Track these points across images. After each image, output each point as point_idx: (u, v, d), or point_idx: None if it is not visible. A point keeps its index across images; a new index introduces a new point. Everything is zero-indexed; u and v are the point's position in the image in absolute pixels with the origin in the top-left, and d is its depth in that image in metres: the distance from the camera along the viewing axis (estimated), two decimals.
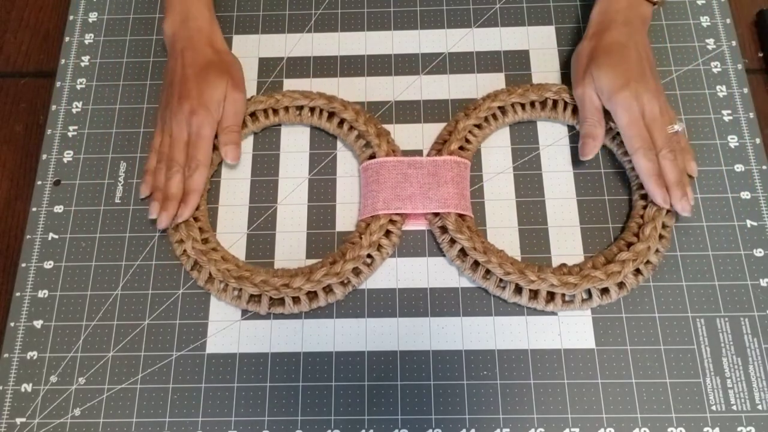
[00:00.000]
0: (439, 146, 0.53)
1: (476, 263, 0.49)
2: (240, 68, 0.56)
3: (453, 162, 0.52)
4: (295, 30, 0.60)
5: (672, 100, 0.55)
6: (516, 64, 0.57)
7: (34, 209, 0.53)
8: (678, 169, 0.49)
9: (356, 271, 0.49)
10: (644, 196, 0.51)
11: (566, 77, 0.56)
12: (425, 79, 0.57)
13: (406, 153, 0.54)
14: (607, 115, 0.52)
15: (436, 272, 0.50)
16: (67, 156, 0.55)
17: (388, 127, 0.55)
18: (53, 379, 0.48)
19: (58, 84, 0.58)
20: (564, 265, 0.49)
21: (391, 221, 0.50)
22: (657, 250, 0.49)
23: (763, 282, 0.49)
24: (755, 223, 0.51)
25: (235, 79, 0.54)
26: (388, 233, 0.50)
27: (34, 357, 0.48)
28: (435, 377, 0.47)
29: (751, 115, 0.55)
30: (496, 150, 0.54)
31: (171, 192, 0.51)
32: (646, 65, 0.51)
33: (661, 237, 0.49)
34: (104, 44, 0.60)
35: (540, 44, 0.58)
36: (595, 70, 0.51)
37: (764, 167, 0.53)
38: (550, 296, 0.48)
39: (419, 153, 0.54)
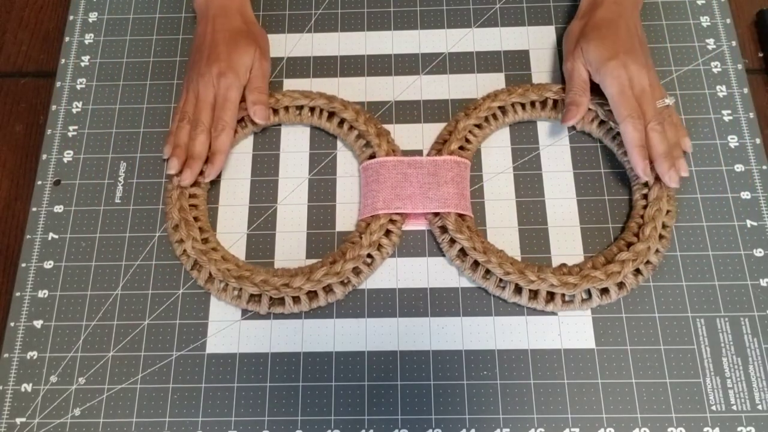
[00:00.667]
0: (439, 146, 0.53)
1: (476, 263, 0.49)
2: (267, 41, 0.57)
3: (453, 162, 0.52)
4: (295, 30, 0.60)
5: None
6: (516, 64, 0.57)
7: (34, 209, 0.53)
8: (667, 142, 0.49)
9: (356, 271, 0.49)
10: (644, 196, 0.50)
11: None
12: (425, 79, 0.57)
13: (406, 153, 0.54)
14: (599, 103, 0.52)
15: (436, 272, 0.50)
16: (67, 156, 0.55)
17: (388, 127, 0.55)
18: (53, 379, 0.48)
19: (58, 84, 0.58)
20: (564, 265, 0.49)
21: (391, 221, 0.50)
22: (657, 250, 0.49)
23: (763, 282, 0.49)
24: (755, 223, 0.51)
25: (263, 49, 0.55)
26: (388, 233, 0.50)
27: (34, 357, 0.48)
28: (435, 377, 0.47)
29: (751, 115, 0.55)
30: (496, 150, 0.54)
31: (196, 151, 0.51)
32: (635, 40, 0.52)
33: (661, 237, 0.49)
34: (104, 44, 0.60)
35: (540, 44, 0.58)
36: (584, 44, 0.52)
37: (764, 167, 0.53)
38: (550, 296, 0.48)
39: (419, 153, 0.54)
